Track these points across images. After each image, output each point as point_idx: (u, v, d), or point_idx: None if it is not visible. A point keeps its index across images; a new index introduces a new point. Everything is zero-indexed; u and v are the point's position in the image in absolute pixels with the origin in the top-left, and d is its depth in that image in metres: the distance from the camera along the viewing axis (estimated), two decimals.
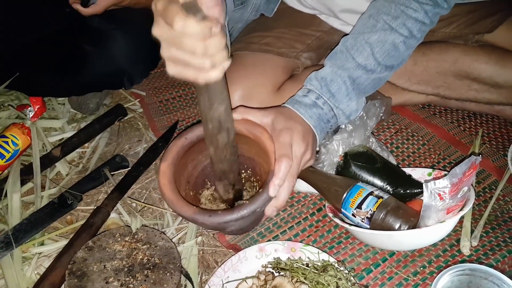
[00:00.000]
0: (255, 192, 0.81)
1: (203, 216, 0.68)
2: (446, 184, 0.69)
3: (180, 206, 0.70)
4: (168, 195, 0.71)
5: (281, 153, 0.70)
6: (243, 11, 1.09)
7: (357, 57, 0.80)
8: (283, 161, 0.68)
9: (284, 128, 0.72)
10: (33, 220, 0.85)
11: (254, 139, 0.75)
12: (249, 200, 0.69)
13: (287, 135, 0.71)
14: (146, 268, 0.73)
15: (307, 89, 0.82)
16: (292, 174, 0.70)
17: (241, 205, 0.69)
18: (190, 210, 0.69)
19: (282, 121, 0.74)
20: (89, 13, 1.03)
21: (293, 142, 0.72)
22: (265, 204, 0.70)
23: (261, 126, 0.75)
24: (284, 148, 0.70)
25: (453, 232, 0.85)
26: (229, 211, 0.68)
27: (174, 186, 0.73)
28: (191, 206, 0.70)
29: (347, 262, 0.81)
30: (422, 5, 0.80)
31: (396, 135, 1.10)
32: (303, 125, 0.75)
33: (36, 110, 1.08)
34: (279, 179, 0.68)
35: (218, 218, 0.68)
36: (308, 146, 0.74)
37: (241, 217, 0.68)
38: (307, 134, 0.75)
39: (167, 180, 0.73)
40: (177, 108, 1.20)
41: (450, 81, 1.04)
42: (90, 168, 1.01)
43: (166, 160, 0.75)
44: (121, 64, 1.07)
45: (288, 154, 0.69)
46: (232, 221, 0.68)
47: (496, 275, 0.57)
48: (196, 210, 0.69)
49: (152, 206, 0.92)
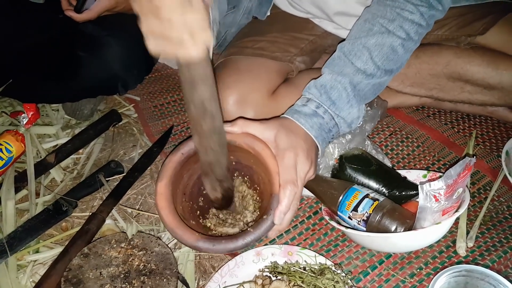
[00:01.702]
0: (254, 203, 0.80)
1: (206, 245, 0.66)
2: (441, 186, 0.70)
3: (181, 234, 0.68)
4: (168, 222, 0.69)
5: (286, 178, 0.68)
6: (235, 14, 1.09)
7: (356, 61, 0.79)
8: (288, 187, 0.67)
9: (287, 148, 0.71)
10: (27, 228, 0.84)
11: (255, 154, 0.73)
12: (253, 227, 0.68)
13: (291, 155, 0.70)
14: (143, 274, 0.72)
15: (306, 98, 0.80)
16: (297, 199, 0.70)
17: (245, 232, 0.67)
18: (192, 237, 0.67)
19: (285, 137, 0.72)
20: (83, 19, 1.03)
21: (298, 162, 0.70)
22: (269, 230, 0.69)
23: (262, 141, 0.73)
24: (289, 172, 0.69)
25: (449, 234, 0.85)
26: (233, 239, 0.67)
27: (173, 208, 0.71)
28: (193, 233, 0.68)
29: (344, 265, 0.81)
30: (418, 7, 0.79)
31: (391, 137, 1.11)
32: (305, 140, 0.74)
33: (30, 117, 1.08)
34: (285, 206, 0.67)
35: (222, 247, 0.66)
36: (312, 164, 0.73)
37: (245, 245, 0.67)
38: (310, 150, 0.74)
39: (165, 202, 0.71)
40: (171, 113, 1.20)
41: (443, 83, 1.05)
42: (85, 174, 1.01)
43: (162, 179, 0.72)
44: (115, 70, 1.06)
45: (293, 179, 0.68)
46: (237, 249, 0.67)
47: (492, 275, 0.57)
48: (199, 237, 0.67)
49: (148, 212, 0.92)
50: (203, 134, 0.65)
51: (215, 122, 0.64)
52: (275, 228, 0.70)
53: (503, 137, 1.12)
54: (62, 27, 1.08)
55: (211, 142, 0.66)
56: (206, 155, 0.68)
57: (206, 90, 0.59)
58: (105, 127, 1.12)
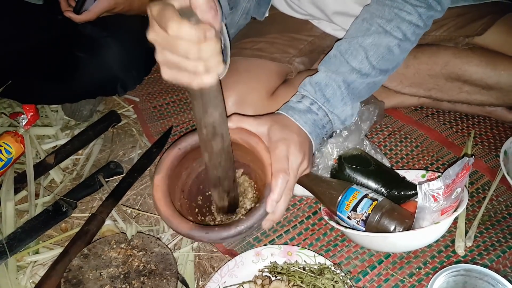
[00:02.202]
0: (251, 200, 0.81)
1: (200, 233, 0.67)
2: (440, 186, 0.70)
3: (176, 223, 0.69)
4: (163, 210, 0.70)
5: (278, 167, 0.69)
6: (233, 15, 1.09)
7: (352, 61, 0.80)
8: (280, 176, 0.68)
9: (280, 139, 0.72)
10: (27, 229, 0.84)
11: (249, 149, 0.74)
12: (246, 215, 0.69)
13: (283, 147, 0.71)
14: (142, 275, 0.72)
15: (301, 95, 0.81)
16: (289, 188, 0.70)
17: (238, 220, 0.68)
18: (186, 226, 0.68)
19: (278, 131, 0.73)
20: (82, 20, 1.03)
21: (290, 153, 0.71)
22: (262, 219, 0.69)
23: (257, 136, 0.74)
24: (281, 161, 0.70)
25: (448, 233, 0.85)
26: (226, 227, 0.67)
27: (169, 200, 0.71)
28: (187, 222, 0.69)
29: (343, 264, 0.81)
30: (416, 7, 0.79)
31: (390, 138, 1.11)
32: (298, 134, 0.75)
33: (29, 118, 1.08)
34: (277, 194, 0.68)
35: (215, 235, 0.67)
36: (305, 156, 0.74)
37: (238, 233, 0.67)
38: (303, 143, 0.75)
39: (162, 194, 0.72)
40: (171, 114, 1.20)
41: (441, 84, 1.05)
42: (84, 175, 1.01)
43: (159, 173, 0.73)
44: (114, 71, 1.07)
45: (285, 168, 0.69)
46: (229, 237, 0.68)
47: (491, 275, 0.57)
48: (193, 226, 0.68)
49: (147, 212, 0.92)
50: (213, 154, 0.67)
51: (224, 142, 0.66)
52: (268, 218, 0.70)
53: (502, 137, 1.12)
54: (61, 28, 1.09)
55: (220, 160, 0.68)
56: (215, 170, 0.70)
57: (217, 115, 0.61)
58: (104, 128, 1.12)
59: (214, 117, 0.61)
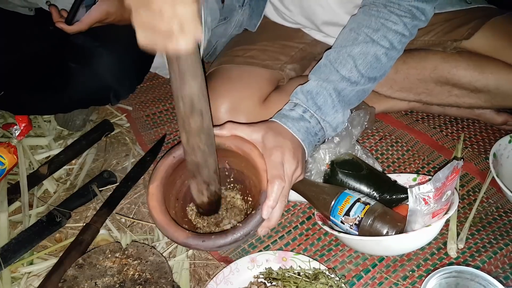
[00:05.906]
0: (246, 207, 0.81)
1: (196, 241, 0.67)
2: (430, 189, 0.71)
3: (172, 231, 0.69)
4: (158, 219, 0.70)
5: (273, 173, 0.70)
6: (226, 26, 1.10)
7: (341, 69, 0.82)
8: (275, 182, 0.69)
9: (275, 146, 0.73)
10: (21, 240, 0.84)
11: (244, 155, 0.75)
12: (242, 222, 0.69)
13: (278, 153, 0.72)
14: (138, 283, 0.72)
15: (293, 103, 0.82)
16: (284, 195, 0.71)
17: (234, 228, 0.68)
18: (182, 234, 0.68)
19: (272, 138, 0.74)
20: (74, 30, 1.03)
21: (285, 160, 0.72)
22: (258, 225, 0.70)
23: (251, 143, 0.75)
24: (276, 168, 0.70)
25: (440, 236, 0.86)
26: (223, 235, 0.68)
27: (164, 208, 0.71)
28: (183, 231, 0.69)
29: (337, 269, 0.82)
30: (401, 17, 0.82)
31: (381, 142, 1.12)
32: (292, 141, 0.76)
33: (22, 129, 1.08)
34: (273, 200, 0.68)
35: (212, 243, 0.67)
36: (298, 163, 0.75)
37: (235, 241, 0.67)
38: (297, 150, 0.75)
39: (157, 202, 0.72)
40: (164, 122, 1.21)
41: (431, 88, 1.07)
42: (78, 185, 1.01)
43: (154, 181, 0.73)
44: (106, 80, 1.07)
45: (280, 175, 0.70)
46: (226, 245, 0.68)
47: (483, 276, 0.58)
48: (189, 235, 0.68)
49: (142, 221, 0.92)
50: (191, 132, 0.64)
51: (203, 121, 0.64)
52: (264, 225, 0.71)
53: (491, 139, 1.14)
54: (53, 39, 1.09)
55: (199, 141, 0.65)
56: (193, 155, 0.68)
57: (195, 85, 0.59)
58: (97, 137, 1.12)
59: (191, 89, 0.59)
